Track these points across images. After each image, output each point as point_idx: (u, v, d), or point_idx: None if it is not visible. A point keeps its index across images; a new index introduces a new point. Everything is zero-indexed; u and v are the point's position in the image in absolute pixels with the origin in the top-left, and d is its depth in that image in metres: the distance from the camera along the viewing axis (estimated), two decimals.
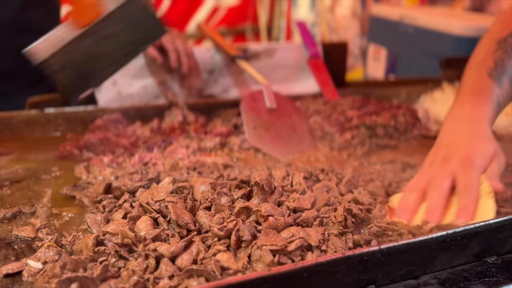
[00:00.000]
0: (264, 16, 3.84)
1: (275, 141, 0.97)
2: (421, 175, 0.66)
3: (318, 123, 1.12)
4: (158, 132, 1.04)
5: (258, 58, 1.36)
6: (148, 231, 0.57)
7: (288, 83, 1.40)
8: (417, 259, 0.52)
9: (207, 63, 1.30)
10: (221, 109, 1.19)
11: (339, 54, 1.50)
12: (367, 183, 0.77)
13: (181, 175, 0.76)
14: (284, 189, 0.68)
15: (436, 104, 1.28)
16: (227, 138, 1.02)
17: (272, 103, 1.03)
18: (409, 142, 1.05)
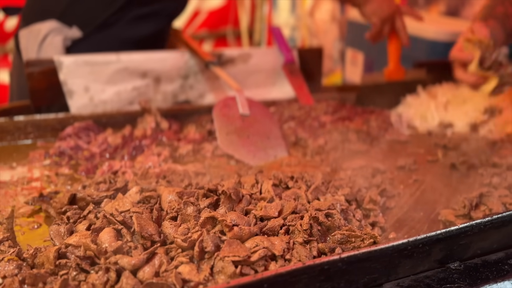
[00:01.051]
0: (245, 20, 3.84)
1: (247, 148, 0.97)
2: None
3: (292, 129, 1.12)
4: (130, 139, 1.02)
5: (233, 63, 1.35)
6: (110, 243, 0.56)
7: (264, 88, 1.40)
8: (380, 267, 0.52)
9: (181, 68, 1.29)
10: (195, 115, 1.18)
11: (314, 59, 1.50)
12: (336, 189, 0.77)
13: (149, 184, 0.76)
14: (253, 197, 0.68)
15: (409, 108, 1.29)
16: (200, 145, 1.02)
17: (245, 109, 1.03)
18: (381, 147, 1.06)
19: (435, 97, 1.30)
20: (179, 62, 1.29)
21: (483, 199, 0.74)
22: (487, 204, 0.72)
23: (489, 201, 0.73)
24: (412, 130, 1.20)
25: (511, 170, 0.91)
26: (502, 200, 0.73)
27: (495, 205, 0.71)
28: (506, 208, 0.71)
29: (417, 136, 1.16)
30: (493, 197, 0.73)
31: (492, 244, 0.61)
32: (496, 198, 0.73)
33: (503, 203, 0.72)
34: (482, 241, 0.59)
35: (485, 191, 0.74)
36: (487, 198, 0.73)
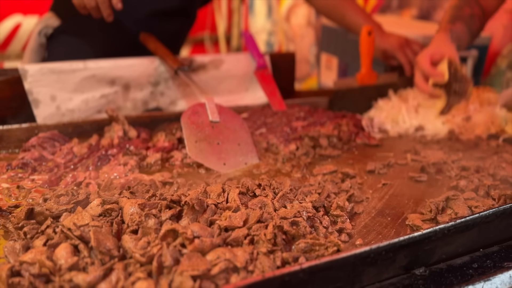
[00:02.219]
0: (222, 25, 3.84)
1: (217, 155, 0.95)
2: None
3: (263, 135, 1.11)
4: (96, 149, 1.00)
5: (205, 69, 1.34)
6: (66, 260, 0.54)
7: (237, 94, 1.39)
8: (343, 275, 0.51)
9: (151, 75, 1.27)
10: (166, 122, 1.16)
11: (287, 64, 1.50)
12: (305, 196, 0.76)
13: (112, 196, 0.73)
14: (218, 207, 0.67)
15: (381, 112, 1.30)
16: (169, 153, 1.00)
17: (214, 116, 1.01)
18: (352, 151, 1.06)
19: (406, 100, 1.31)
20: (148, 68, 1.27)
21: (449, 202, 0.74)
22: (453, 207, 0.73)
23: (455, 204, 0.73)
24: (383, 133, 1.20)
25: (479, 172, 0.92)
26: (468, 204, 0.74)
27: (461, 209, 0.71)
28: (472, 211, 0.72)
29: (388, 139, 1.16)
30: (459, 200, 0.73)
31: (457, 248, 0.60)
32: (462, 202, 0.73)
33: (469, 206, 0.73)
34: (447, 245, 0.59)
35: (451, 194, 0.74)
36: (453, 201, 0.73)
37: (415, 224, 0.70)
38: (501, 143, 1.10)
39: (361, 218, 0.74)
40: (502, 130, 1.15)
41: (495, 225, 0.62)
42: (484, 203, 0.75)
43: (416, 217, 0.71)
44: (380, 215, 0.75)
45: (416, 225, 0.70)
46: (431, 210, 0.71)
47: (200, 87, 1.10)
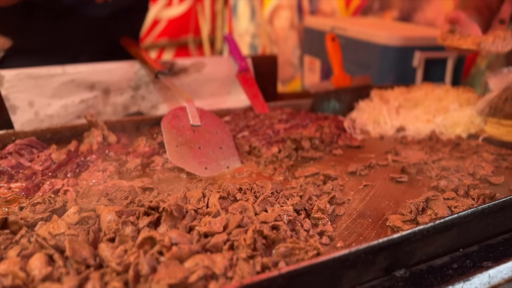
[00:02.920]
0: (206, 28, 3.82)
1: (198, 159, 0.94)
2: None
3: (246, 138, 1.11)
4: (75, 155, 0.98)
5: (186, 72, 1.33)
6: (40, 270, 0.52)
7: (219, 97, 1.38)
8: (323, 279, 0.51)
9: (131, 79, 1.26)
10: (147, 127, 1.14)
11: (269, 67, 1.50)
12: (286, 199, 0.76)
13: (90, 203, 0.72)
14: (198, 212, 0.66)
15: (363, 113, 1.31)
16: (150, 158, 0.98)
17: (195, 120, 1.00)
18: (334, 153, 1.06)
19: (387, 101, 1.32)
20: (128, 72, 1.26)
21: (429, 203, 0.74)
22: (433, 208, 0.73)
23: (435, 205, 0.73)
24: (365, 135, 1.21)
25: (459, 172, 0.93)
26: (448, 204, 0.74)
27: (440, 209, 0.72)
28: (451, 211, 0.72)
29: (370, 140, 1.17)
30: (439, 200, 0.74)
31: (437, 248, 0.61)
32: (441, 202, 0.73)
33: (449, 207, 0.73)
34: (426, 246, 0.59)
35: (431, 195, 0.74)
36: (433, 202, 0.74)
37: (395, 225, 0.70)
38: (481, 142, 1.11)
39: (342, 220, 0.74)
40: (481, 130, 1.17)
41: (474, 225, 0.62)
42: (464, 203, 0.75)
43: (396, 218, 0.71)
44: (361, 216, 0.75)
45: (396, 226, 0.70)
46: (411, 211, 0.71)
47: (181, 90, 1.09)
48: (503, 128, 1.10)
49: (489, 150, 1.06)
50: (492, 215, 0.63)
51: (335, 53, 1.37)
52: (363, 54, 1.80)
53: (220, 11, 3.89)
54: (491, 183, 0.88)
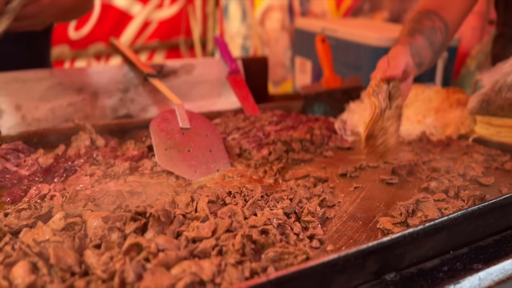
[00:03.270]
0: (197, 29, 3.81)
1: (188, 162, 0.93)
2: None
3: (236, 140, 1.10)
4: (62, 159, 0.96)
5: (176, 75, 1.32)
6: (23, 278, 0.51)
7: (209, 100, 1.37)
8: (312, 284, 0.50)
9: (120, 81, 1.25)
10: (135, 130, 1.13)
11: (259, 69, 1.50)
12: (276, 202, 0.75)
13: (77, 208, 0.70)
14: (187, 217, 0.65)
15: (353, 115, 1.30)
16: (139, 162, 0.97)
17: (185, 123, 0.99)
18: (324, 155, 1.05)
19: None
20: (117, 75, 1.24)
21: (419, 205, 0.74)
22: (423, 210, 0.73)
23: (425, 207, 0.73)
24: (356, 136, 1.20)
25: (449, 173, 0.93)
26: (438, 205, 0.74)
27: (430, 211, 0.71)
28: (442, 213, 0.72)
29: (361, 142, 1.16)
30: (429, 202, 0.73)
31: (427, 251, 0.60)
32: (432, 204, 0.73)
33: (439, 208, 0.73)
34: (417, 249, 0.59)
35: (421, 197, 0.74)
36: (423, 204, 0.74)
37: (386, 228, 0.70)
38: (471, 143, 1.11)
39: (332, 223, 0.73)
40: (471, 130, 1.17)
41: (464, 226, 0.62)
42: (454, 204, 0.75)
43: (387, 221, 0.71)
44: (352, 219, 0.75)
45: (387, 228, 0.70)
46: (401, 213, 0.71)
47: (170, 93, 1.08)
48: (493, 129, 1.10)
49: (479, 151, 1.06)
50: (482, 216, 0.63)
51: (325, 54, 1.36)
52: (354, 55, 1.80)
53: (211, 12, 3.88)
54: (481, 184, 0.88)
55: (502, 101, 1.05)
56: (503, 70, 1.02)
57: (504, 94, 1.03)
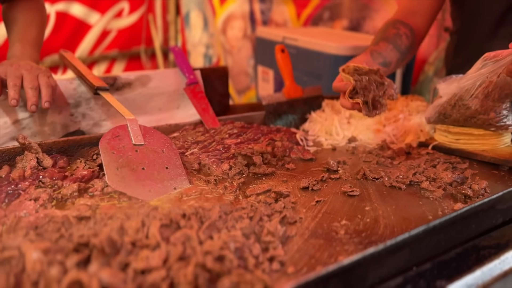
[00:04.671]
0: (158, 38, 3.74)
1: (142, 182, 0.88)
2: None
3: (195, 155, 1.06)
4: (5, 182, 0.89)
5: (130, 87, 1.26)
6: None
7: (167, 112, 1.32)
8: None
9: (70, 96, 1.18)
10: (87, 147, 1.07)
11: (220, 79, 1.46)
12: (235, 221, 0.72)
13: (16, 239, 0.64)
14: (136, 245, 0.60)
15: (315, 124, 1.29)
16: (89, 182, 0.91)
17: (138, 139, 0.94)
18: (286, 167, 1.03)
19: (339, 112, 1.31)
20: (67, 89, 1.18)
21: (379, 219, 0.72)
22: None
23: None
24: (318, 146, 1.19)
25: (411, 184, 0.92)
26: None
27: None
28: (402, 228, 0.70)
29: (323, 152, 1.15)
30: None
31: (390, 269, 0.58)
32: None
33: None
34: (379, 268, 0.56)
35: (380, 212, 0.72)
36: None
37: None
38: (431, 150, 1.12)
39: (294, 242, 0.70)
40: (431, 138, 1.18)
41: (426, 242, 0.61)
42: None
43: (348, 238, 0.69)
44: (313, 236, 0.72)
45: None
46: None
47: (122, 107, 1.03)
48: (451, 136, 1.11)
49: (439, 158, 1.06)
50: (443, 230, 0.62)
51: (285, 64, 1.35)
52: (315, 64, 1.80)
53: (172, 21, 3.82)
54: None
55: (457, 116, 1.07)
56: (459, 85, 1.04)
57: (459, 109, 1.06)
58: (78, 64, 1.19)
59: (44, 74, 1.09)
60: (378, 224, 0.75)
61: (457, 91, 1.05)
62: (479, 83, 1.02)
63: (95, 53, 3.42)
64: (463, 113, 1.06)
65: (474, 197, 0.85)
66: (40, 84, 1.06)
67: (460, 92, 1.05)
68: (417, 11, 1.25)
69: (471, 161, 1.05)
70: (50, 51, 3.16)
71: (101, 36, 3.44)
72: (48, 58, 3.16)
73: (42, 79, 1.07)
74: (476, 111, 1.04)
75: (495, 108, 1.04)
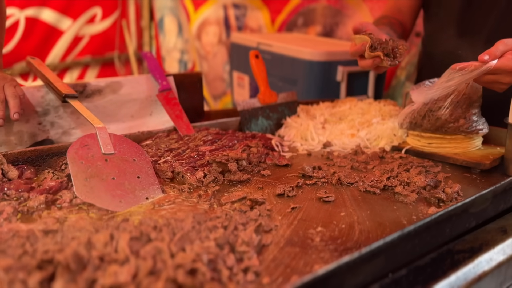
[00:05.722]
0: (132, 44, 3.68)
1: (112, 192, 0.85)
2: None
3: (168, 163, 1.03)
4: None
5: (101, 94, 1.23)
6: None
7: (139, 119, 1.29)
8: None
9: (38, 104, 1.14)
10: (55, 157, 1.03)
11: (193, 85, 1.44)
12: (209, 232, 0.70)
13: None
14: (104, 260, 0.58)
15: (290, 130, 1.28)
16: (57, 194, 0.87)
17: (108, 148, 0.91)
18: (262, 173, 1.02)
19: (314, 117, 1.31)
20: (34, 97, 1.14)
21: (354, 225, 0.72)
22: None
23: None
24: (293, 152, 1.18)
25: (385, 188, 0.92)
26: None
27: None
28: (377, 234, 0.70)
29: (298, 158, 1.14)
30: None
31: (366, 277, 0.58)
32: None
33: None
34: (354, 277, 0.56)
35: (355, 218, 0.72)
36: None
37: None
38: (404, 154, 1.13)
39: (269, 251, 0.69)
40: (404, 141, 1.19)
41: (401, 248, 0.60)
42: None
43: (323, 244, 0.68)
44: (289, 244, 0.71)
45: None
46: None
47: (91, 115, 0.99)
48: (424, 140, 1.12)
49: (412, 162, 1.07)
50: (418, 236, 0.61)
51: (260, 70, 1.34)
52: (289, 70, 1.80)
53: (146, 26, 3.77)
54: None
55: (428, 125, 1.09)
56: (428, 95, 1.05)
57: (429, 120, 1.08)
58: (45, 71, 1.15)
59: (10, 84, 1.05)
60: (353, 230, 0.75)
61: (426, 101, 1.07)
62: (447, 94, 1.04)
63: (67, 60, 3.34)
64: (434, 123, 1.08)
65: (447, 201, 0.85)
66: (6, 95, 1.03)
67: (429, 102, 1.07)
68: (402, 10, 1.40)
69: (443, 165, 1.07)
70: (19, 58, 3.06)
71: (73, 42, 3.36)
72: (17, 65, 3.07)
73: (8, 89, 1.03)
74: (446, 120, 1.06)
75: (464, 115, 1.06)
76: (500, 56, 0.96)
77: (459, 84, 1.00)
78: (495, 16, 1.21)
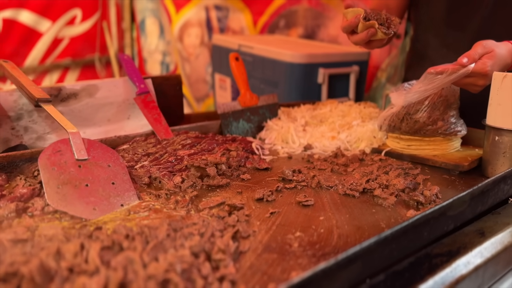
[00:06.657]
0: (113, 46, 3.63)
1: (85, 199, 0.83)
2: None
3: (145, 168, 1.01)
4: None
5: (77, 98, 1.20)
6: None
7: (117, 123, 1.27)
8: None
9: (10, 108, 1.10)
10: (28, 163, 1.00)
11: (173, 88, 1.42)
12: (185, 239, 0.68)
13: None
14: (74, 271, 0.55)
15: (271, 132, 1.27)
16: (28, 202, 0.84)
17: (81, 154, 0.89)
18: (241, 178, 1.00)
19: (295, 119, 1.30)
20: (6, 101, 1.10)
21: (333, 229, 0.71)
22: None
23: None
24: (274, 155, 1.17)
25: (365, 191, 0.92)
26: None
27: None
28: (355, 238, 0.69)
29: (278, 161, 1.13)
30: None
31: (342, 284, 0.56)
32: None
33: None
34: (331, 284, 0.54)
35: (334, 222, 0.71)
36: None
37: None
38: (384, 157, 1.13)
39: (246, 258, 0.68)
40: (384, 144, 1.19)
41: (379, 253, 0.60)
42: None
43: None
44: (267, 250, 0.70)
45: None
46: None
47: (64, 119, 0.97)
48: (403, 142, 1.12)
49: (392, 164, 1.07)
50: (395, 240, 0.61)
51: (240, 72, 1.33)
52: (271, 72, 1.79)
53: (127, 28, 3.73)
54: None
55: (407, 128, 1.09)
56: (406, 99, 1.05)
57: (407, 123, 1.08)
58: (19, 75, 1.11)
59: None
60: (332, 234, 0.74)
61: (404, 104, 1.07)
62: (425, 97, 1.04)
63: (46, 62, 3.28)
64: (412, 126, 1.08)
65: (426, 203, 0.85)
66: None
67: (407, 105, 1.07)
68: (390, 6, 1.38)
69: (423, 166, 1.07)
70: None
71: (52, 44, 3.30)
72: None
73: None
74: (424, 123, 1.07)
75: (442, 117, 1.07)
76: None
77: (439, 87, 1.01)
78: (481, 14, 1.22)
